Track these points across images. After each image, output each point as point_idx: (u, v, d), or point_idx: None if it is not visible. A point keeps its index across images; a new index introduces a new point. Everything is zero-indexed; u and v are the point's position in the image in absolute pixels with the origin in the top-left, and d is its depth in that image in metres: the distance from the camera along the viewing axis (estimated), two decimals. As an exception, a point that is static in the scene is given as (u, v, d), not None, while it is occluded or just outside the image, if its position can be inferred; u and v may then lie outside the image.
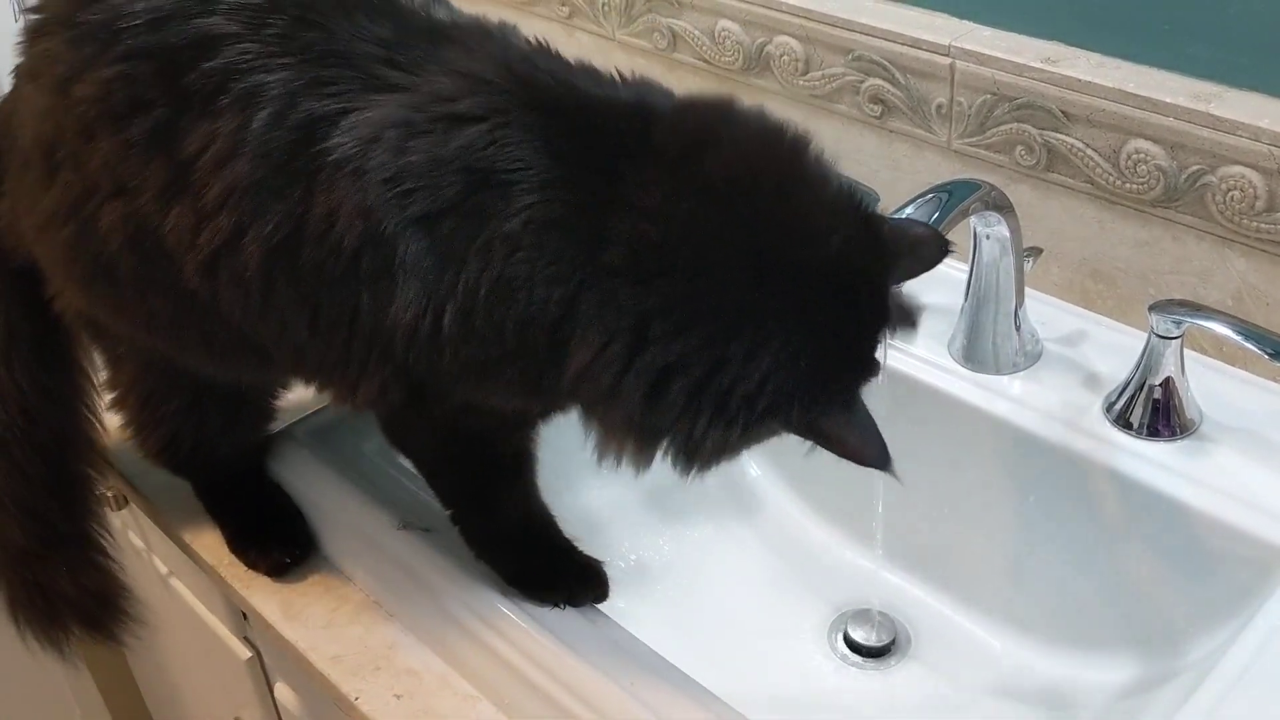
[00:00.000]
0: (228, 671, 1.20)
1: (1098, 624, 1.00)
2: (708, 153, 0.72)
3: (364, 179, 0.72)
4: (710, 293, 0.69)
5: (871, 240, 0.74)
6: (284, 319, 0.79)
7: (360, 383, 0.79)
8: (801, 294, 0.70)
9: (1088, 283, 1.10)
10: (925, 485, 1.08)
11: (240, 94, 0.74)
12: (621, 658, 0.85)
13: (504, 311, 0.72)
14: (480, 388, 0.79)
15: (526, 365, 0.74)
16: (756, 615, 1.11)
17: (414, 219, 0.72)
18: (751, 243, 0.70)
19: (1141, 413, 0.97)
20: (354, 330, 0.76)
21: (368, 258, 0.73)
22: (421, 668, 0.89)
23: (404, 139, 0.72)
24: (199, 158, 0.75)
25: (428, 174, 0.71)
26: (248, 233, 0.75)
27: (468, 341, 0.74)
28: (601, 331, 0.70)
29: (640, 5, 1.32)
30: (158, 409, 0.97)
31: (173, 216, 0.77)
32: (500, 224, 0.71)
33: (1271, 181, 0.94)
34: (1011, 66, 1.05)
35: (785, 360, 0.69)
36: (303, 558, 0.98)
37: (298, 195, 0.74)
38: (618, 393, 0.71)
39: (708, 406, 0.70)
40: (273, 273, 0.76)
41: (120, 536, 1.30)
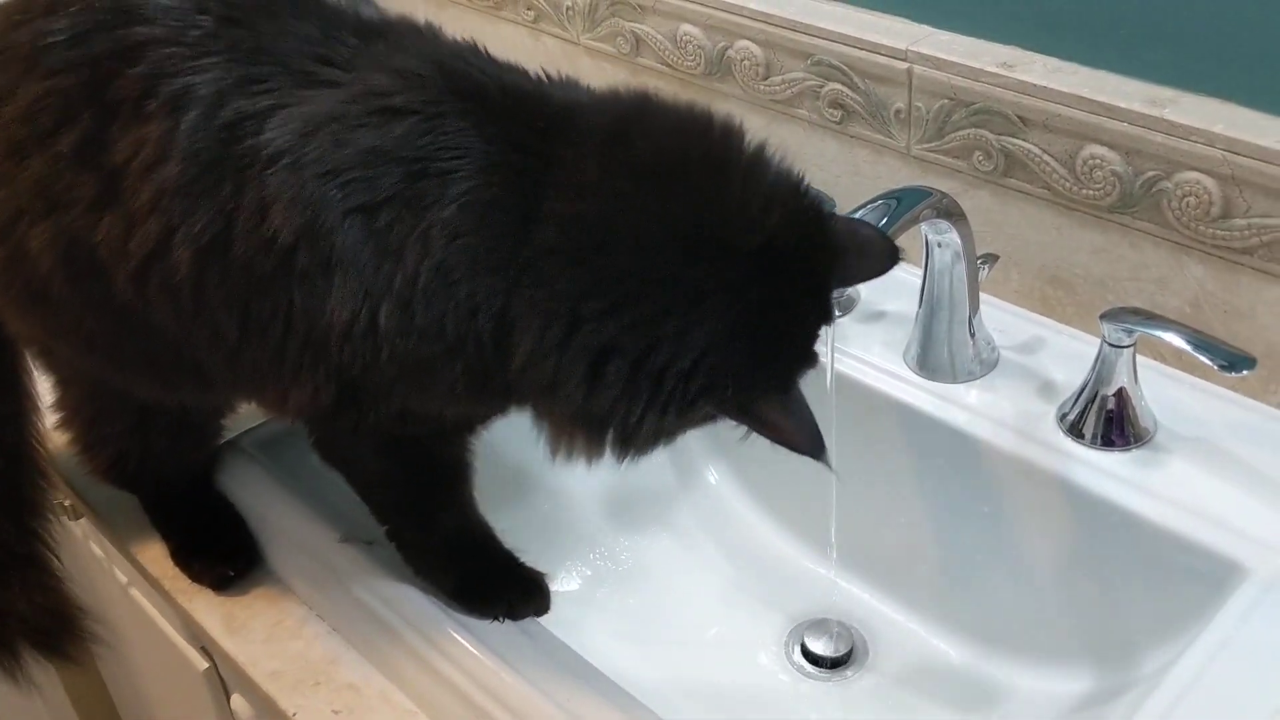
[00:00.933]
0: (187, 681, 1.19)
1: (1053, 635, 0.98)
2: (637, 135, 0.72)
3: (300, 172, 0.71)
4: (643, 270, 0.69)
5: (813, 228, 0.73)
6: (215, 323, 0.77)
7: (292, 387, 0.78)
8: (736, 274, 0.70)
9: (1047, 289, 1.09)
10: (881, 494, 1.08)
11: (168, 97, 0.74)
12: (561, 674, 0.84)
13: (444, 303, 0.72)
14: (421, 390, 0.78)
15: (471, 361, 0.74)
16: (714, 626, 1.10)
17: (352, 210, 0.71)
18: (685, 221, 0.70)
19: (1094, 422, 0.96)
20: (287, 330, 0.76)
21: (303, 253, 0.72)
22: (362, 683, 0.88)
23: (341, 132, 0.72)
24: (128, 164, 0.74)
25: (365, 165, 0.71)
26: (177, 233, 0.74)
27: (407, 337, 0.73)
28: (541, 315, 0.70)
29: (604, 10, 1.31)
30: (104, 429, 0.97)
31: (103, 227, 0.76)
32: (439, 211, 0.71)
33: (1226, 188, 0.92)
34: (968, 71, 1.04)
35: (720, 339, 0.69)
36: (246, 570, 0.97)
37: (227, 192, 0.73)
38: (559, 380, 0.71)
39: (645, 388, 0.69)
40: (203, 274, 0.75)
41: (81, 546, 1.30)
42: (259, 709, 1.05)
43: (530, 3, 1.40)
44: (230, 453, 1.04)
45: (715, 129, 0.74)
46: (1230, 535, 0.88)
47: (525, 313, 0.71)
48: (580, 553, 1.14)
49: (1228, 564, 0.86)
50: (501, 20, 1.44)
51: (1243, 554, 0.86)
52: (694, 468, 1.20)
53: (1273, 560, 0.85)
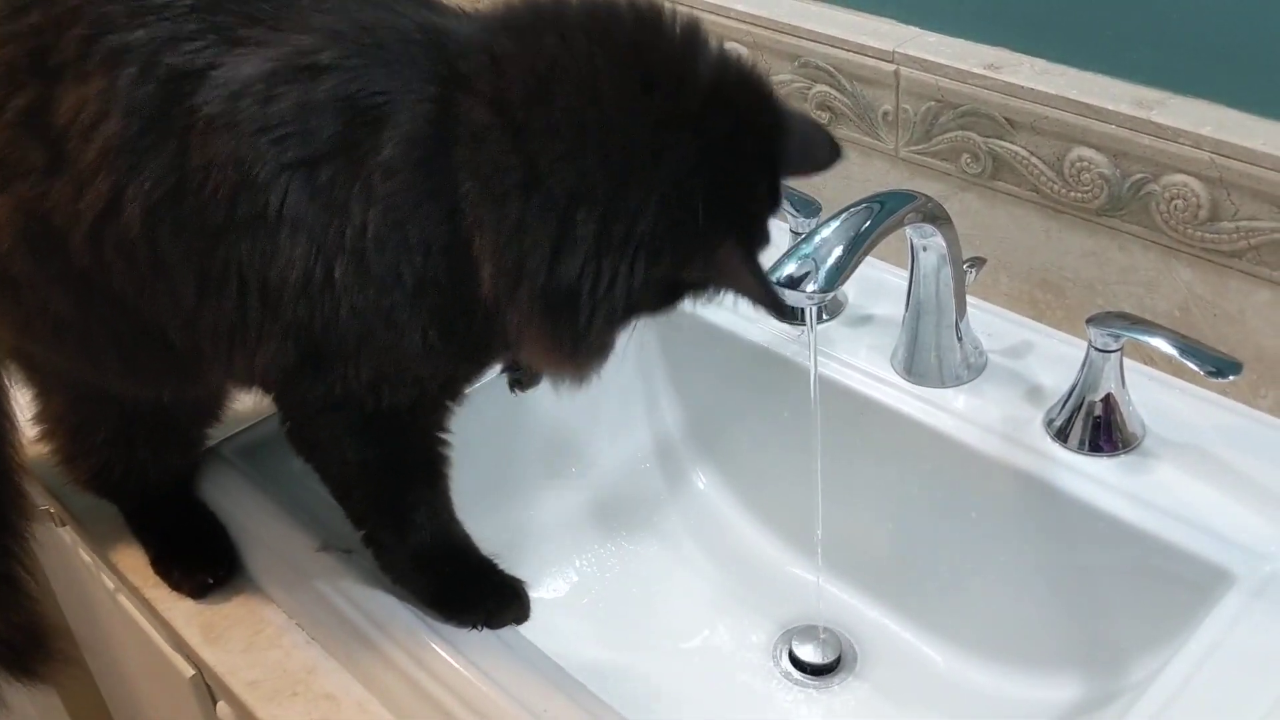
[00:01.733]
0: (174, 687, 1.19)
1: (1041, 642, 0.98)
2: (564, 11, 0.73)
3: (236, 130, 0.72)
4: (594, 109, 0.70)
5: (756, 82, 0.75)
6: (173, 284, 0.77)
7: (258, 349, 0.78)
8: (692, 111, 0.70)
9: (1036, 293, 1.08)
10: (868, 500, 1.07)
11: (106, 54, 0.74)
12: (541, 684, 0.83)
13: (397, 248, 0.72)
14: (392, 348, 0.77)
15: (435, 302, 0.74)
16: (702, 632, 1.10)
17: (289, 164, 0.72)
18: (632, 66, 0.71)
19: (1082, 428, 0.95)
20: (243, 289, 0.76)
21: (243, 205, 0.73)
22: (340, 692, 0.87)
23: (270, 89, 0.72)
24: (71, 125, 0.75)
25: (298, 119, 0.72)
26: (126, 191, 0.75)
27: (364, 289, 0.74)
28: (493, 201, 0.70)
29: (592, 11, 1.30)
30: (86, 440, 0.96)
31: (55, 193, 0.77)
32: (374, 157, 0.71)
33: (1214, 190, 0.91)
34: (955, 73, 1.03)
35: (684, 174, 0.70)
36: (226, 578, 0.96)
37: (173, 149, 0.74)
38: (526, 252, 0.70)
39: (614, 239, 0.69)
40: (155, 231, 0.75)
41: (70, 553, 1.29)
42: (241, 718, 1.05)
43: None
44: (210, 460, 1.03)
45: (641, 5, 0.74)
46: (1218, 541, 0.87)
47: (477, 213, 0.71)
48: (567, 559, 1.13)
49: (1215, 570, 0.85)
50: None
51: (1230, 560, 0.85)
52: (682, 474, 1.20)
53: (1260, 566, 0.84)
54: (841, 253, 0.86)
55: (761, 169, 0.75)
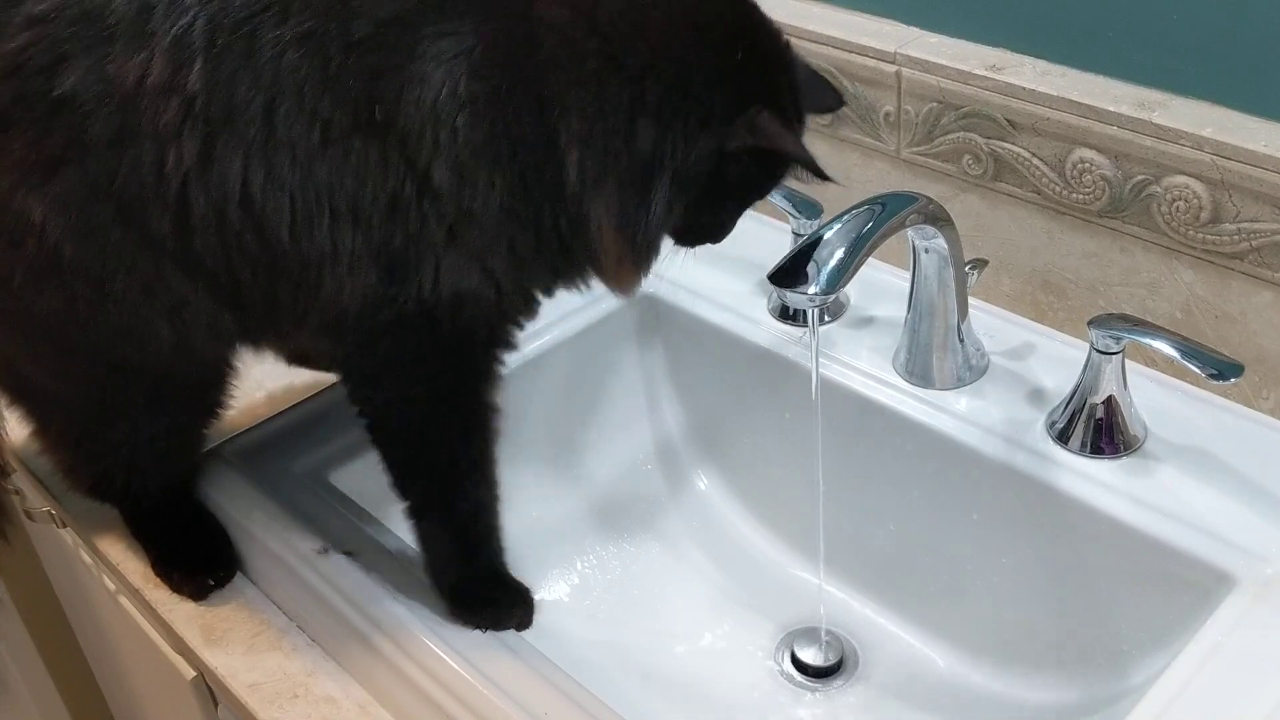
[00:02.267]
0: (175, 689, 1.19)
1: (1043, 644, 0.97)
2: None
3: (326, 53, 0.73)
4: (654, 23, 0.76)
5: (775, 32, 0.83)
6: (261, 232, 0.77)
7: (349, 276, 0.79)
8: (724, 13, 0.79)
9: (1038, 294, 1.08)
10: (870, 502, 1.07)
11: (166, 7, 0.73)
12: (541, 687, 0.83)
13: (489, 150, 0.75)
14: (477, 254, 0.79)
15: (524, 204, 0.77)
16: (703, 634, 1.09)
17: (377, 74, 0.73)
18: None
19: (1083, 430, 0.94)
20: (333, 216, 0.76)
21: (340, 123, 0.74)
22: (340, 695, 0.87)
23: (352, 9, 0.74)
24: (141, 83, 0.73)
25: (384, 35, 0.74)
26: (219, 139, 0.74)
27: (461, 195, 0.76)
28: (578, 85, 0.75)
29: (593, 12, 1.30)
30: (88, 451, 0.96)
31: (126, 164, 0.74)
32: (460, 63, 0.74)
33: (1215, 192, 0.91)
34: (957, 74, 1.03)
35: (721, 57, 0.77)
36: (226, 580, 0.96)
37: (264, 84, 0.73)
38: (607, 142, 0.75)
39: (670, 106, 0.76)
40: (248, 175, 0.75)
41: (72, 554, 1.29)
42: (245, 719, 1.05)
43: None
44: (211, 462, 1.03)
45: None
46: (1219, 544, 0.86)
47: (564, 102, 0.75)
48: (568, 561, 1.13)
49: (1217, 573, 0.85)
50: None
51: (1232, 563, 0.85)
52: (683, 475, 1.19)
53: (1262, 569, 0.84)
54: (843, 254, 0.86)
55: (785, 72, 0.82)
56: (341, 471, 1.03)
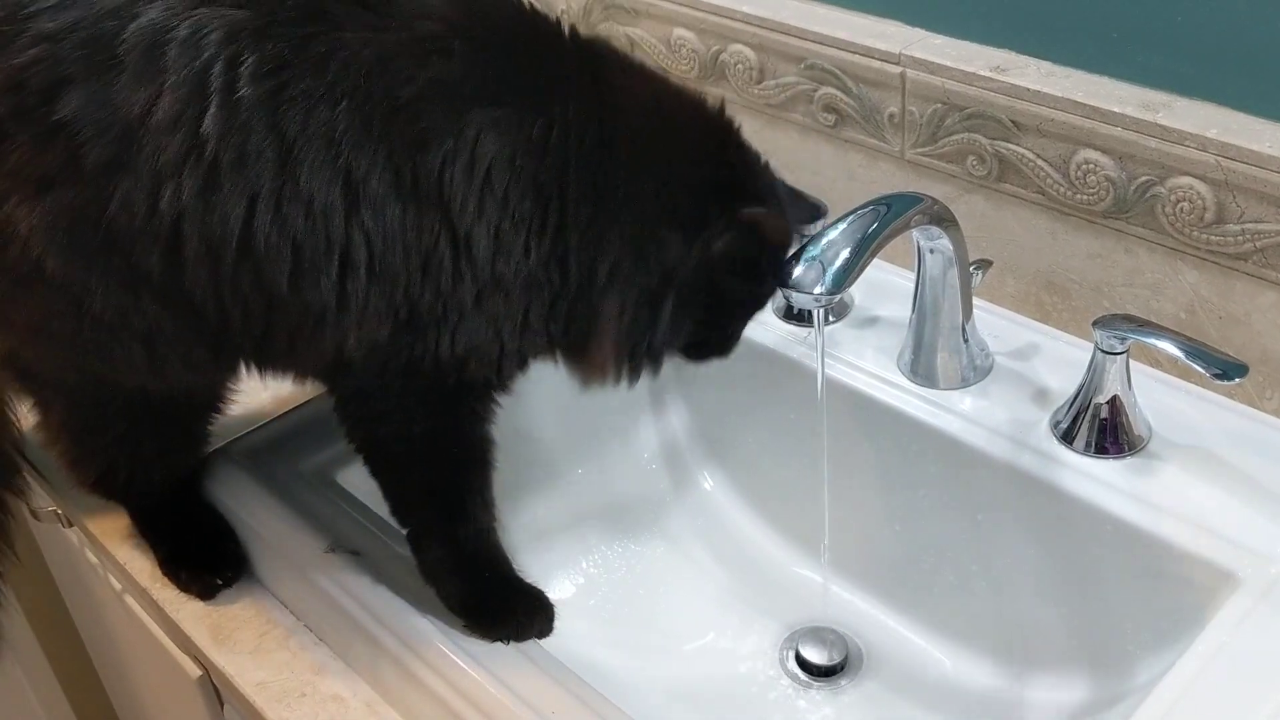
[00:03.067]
0: (181, 689, 1.19)
1: (1047, 643, 0.98)
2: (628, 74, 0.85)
3: (366, 111, 0.73)
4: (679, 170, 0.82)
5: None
6: (259, 275, 0.76)
7: (359, 326, 0.79)
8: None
9: (1042, 295, 1.08)
10: (875, 502, 1.07)
11: (179, 47, 0.71)
12: (548, 685, 0.83)
13: (529, 223, 0.77)
14: (494, 319, 0.80)
15: (550, 285, 0.80)
16: (708, 633, 1.10)
17: (418, 141, 0.74)
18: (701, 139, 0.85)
19: (1088, 430, 0.95)
20: (346, 266, 0.76)
21: (376, 183, 0.74)
22: (348, 694, 0.88)
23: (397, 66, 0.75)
24: (145, 118, 0.71)
25: (428, 100, 0.75)
26: (223, 184, 0.72)
27: (495, 261, 0.77)
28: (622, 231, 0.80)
29: (598, 13, 1.31)
30: (89, 444, 0.96)
31: (119, 195, 0.73)
32: (508, 137, 0.76)
33: (1219, 193, 0.92)
34: (961, 75, 1.03)
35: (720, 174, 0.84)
36: (234, 579, 0.97)
37: (291, 138, 0.73)
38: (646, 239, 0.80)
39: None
40: (253, 220, 0.74)
41: (77, 553, 1.29)
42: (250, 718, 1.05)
43: (525, 7, 1.39)
44: (218, 461, 1.03)
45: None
46: (1224, 543, 0.87)
47: (611, 238, 0.79)
48: (573, 560, 1.13)
49: (1221, 572, 0.86)
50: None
51: (1236, 562, 0.85)
52: (688, 474, 1.20)
53: (1266, 569, 0.84)
54: (849, 255, 0.86)
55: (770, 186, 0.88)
56: (348, 471, 1.03)
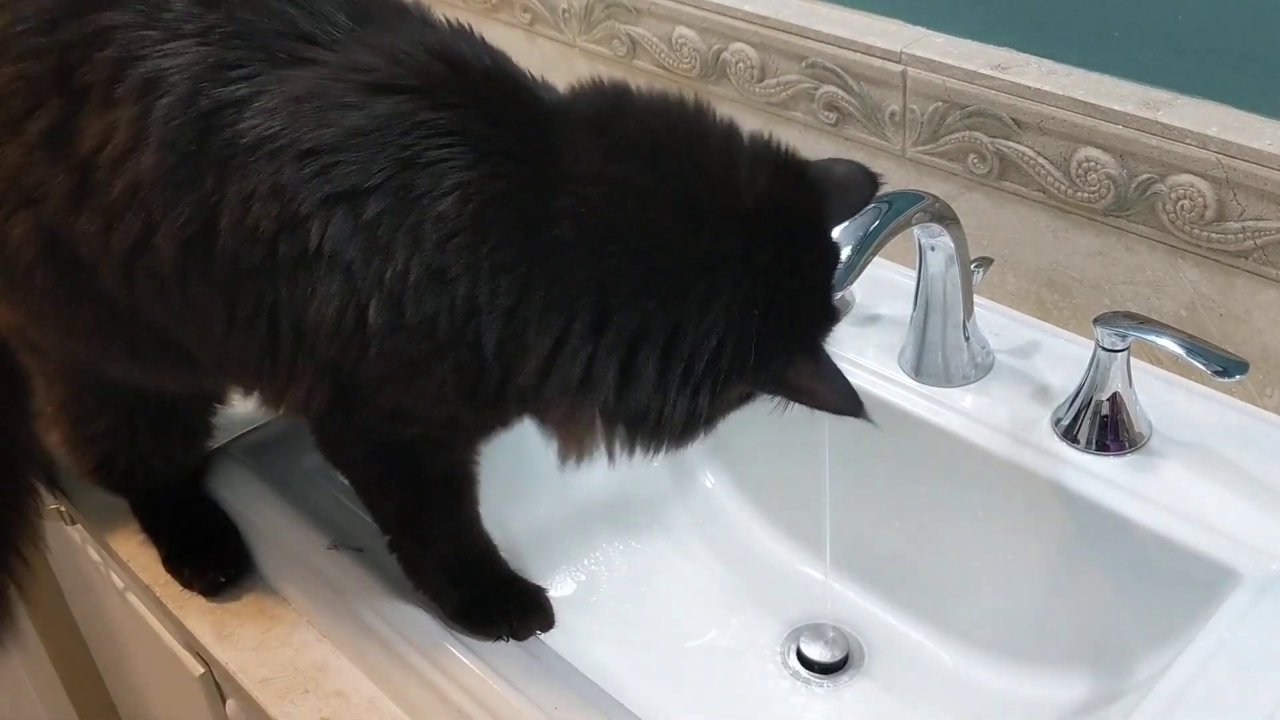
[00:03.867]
0: (183, 686, 1.19)
1: (1048, 640, 0.98)
2: (626, 119, 0.72)
3: (279, 156, 0.69)
4: (656, 250, 0.69)
5: (796, 180, 0.74)
6: (202, 316, 0.76)
7: (288, 385, 0.77)
8: (739, 239, 0.70)
9: (1043, 292, 1.08)
10: (876, 499, 1.07)
11: (138, 81, 0.71)
12: (550, 681, 0.84)
13: (438, 301, 0.69)
14: (408, 389, 0.76)
15: (463, 361, 0.72)
16: (710, 631, 1.10)
17: (334, 196, 0.69)
18: (683, 195, 0.70)
19: (1089, 427, 0.95)
20: (274, 325, 0.74)
21: (284, 243, 0.70)
22: (350, 690, 0.88)
23: (323, 110, 0.69)
24: (99, 153, 0.72)
25: (348, 147, 0.68)
26: (159, 229, 0.72)
27: (395, 335, 0.71)
28: (561, 312, 0.69)
29: (600, 12, 1.31)
30: (88, 429, 0.97)
31: (82, 222, 0.75)
32: (432, 204, 0.68)
33: (1220, 190, 0.92)
34: (962, 74, 1.03)
35: (739, 309, 0.69)
36: (237, 577, 0.97)
37: (210, 184, 0.71)
38: (592, 376, 0.70)
39: (676, 374, 0.69)
40: (187, 267, 0.73)
41: (80, 551, 1.30)
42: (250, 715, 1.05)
43: (526, 5, 1.39)
44: (220, 458, 1.04)
45: (690, 106, 0.75)
46: (1224, 540, 0.87)
47: (543, 311, 0.69)
48: (575, 557, 1.14)
49: (1221, 569, 0.86)
50: (497, 23, 1.44)
51: (1236, 559, 0.86)
52: (690, 472, 1.20)
53: (1266, 565, 0.85)
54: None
55: (815, 270, 0.75)
56: (350, 468, 1.03)
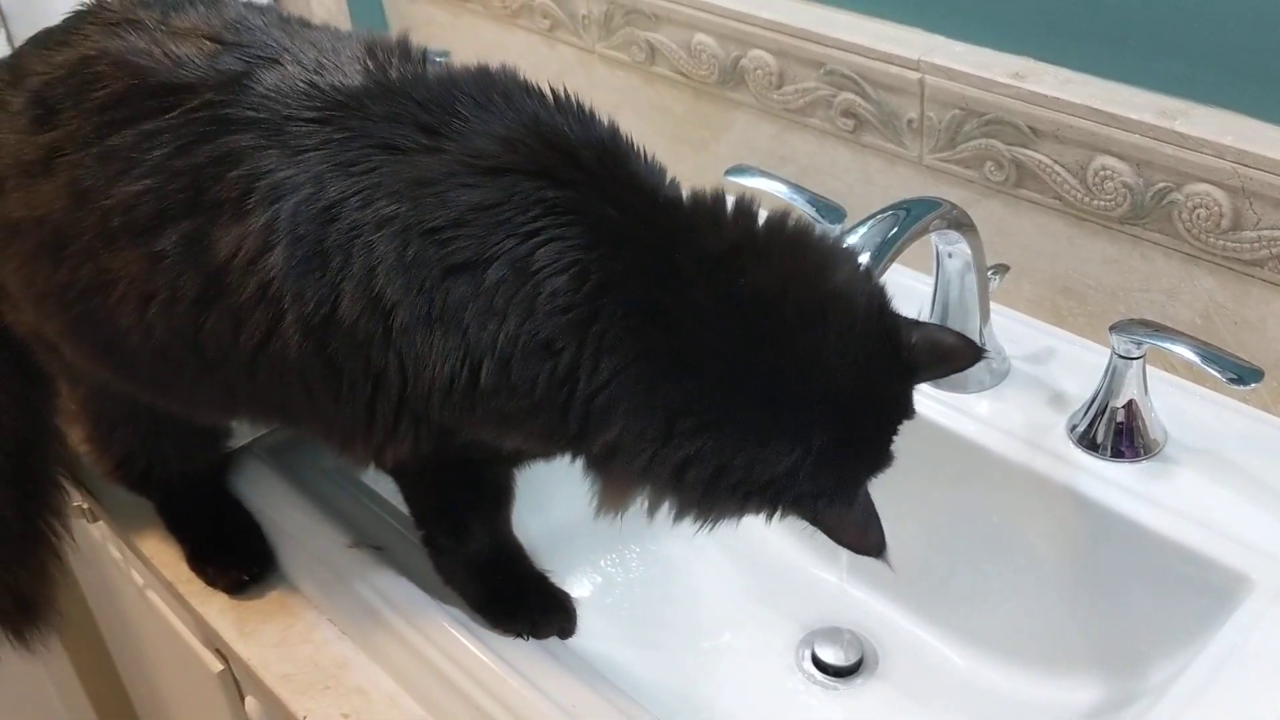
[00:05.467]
0: (201, 683, 1.21)
1: (1062, 645, 0.99)
2: (747, 260, 0.74)
3: (406, 233, 0.72)
4: (732, 401, 0.72)
5: (895, 357, 0.76)
6: (311, 391, 0.79)
7: (388, 444, 0.80)
8: (818, 415, 0.73)
9: (1059, 300, 1.09)
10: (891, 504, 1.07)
11: (266, 190, 0.75)
12: (569, 679, 0.84)
13: (541, 364, 0.73)
14: (500, 434, 0.80)
15: (551, 419, 0.75)
16: (724, 633, 1.11)
17: (456, 266, 0.72)
18: (777, 361, 0.72)
19: (1104, 434, 0.96)
20: (376, 389, 0.77)
21: (404, 311, 0.73)
22: (370, 687, 0.89)
23: (445, 192, 0.73)
24: (232, 260, 0.76)
25: (469, 222, 0.72)
26: (286, 318, 0.75)
27: (499, 394, 0.74)
28: (635, 415, 0.72)
29: (619, 19, 1.32)
30: (111, 431, 0.98)
31: (209, 324, 0.78)
32: (547, 279, 0.71)
33: (1236, 199, 0.92)
34: (980, 82, 1.04)
35: (792, 467, 0.72)
36: (260, 575, 0.98)
37: (335, 266, 0.74)
38: (646, 470, 0.74)
39: (722, 493, 0.74)
40: (308, 350, 0.76)
41: (100, 549, 1.31)
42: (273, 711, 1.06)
43: (546, 11, 1.40)
44: (243, 458, 1.05)
45: (820, 255, 0.76)
46: (1238, 547, 0.88)
47: (627, 402, 0.72)
48: (591, 559, 1.14)
49: (1235, 575, 0.86)
50: (517, 29, 1.45)
51: (1250, 566, 0.86)
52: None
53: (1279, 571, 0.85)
54: (869, 259, 0.87)
55: (887, 423, 0.78)
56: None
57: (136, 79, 0.80)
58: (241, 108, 0.77)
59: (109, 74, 0.80)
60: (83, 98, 0.81)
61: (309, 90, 0.77)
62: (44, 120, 0.83)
